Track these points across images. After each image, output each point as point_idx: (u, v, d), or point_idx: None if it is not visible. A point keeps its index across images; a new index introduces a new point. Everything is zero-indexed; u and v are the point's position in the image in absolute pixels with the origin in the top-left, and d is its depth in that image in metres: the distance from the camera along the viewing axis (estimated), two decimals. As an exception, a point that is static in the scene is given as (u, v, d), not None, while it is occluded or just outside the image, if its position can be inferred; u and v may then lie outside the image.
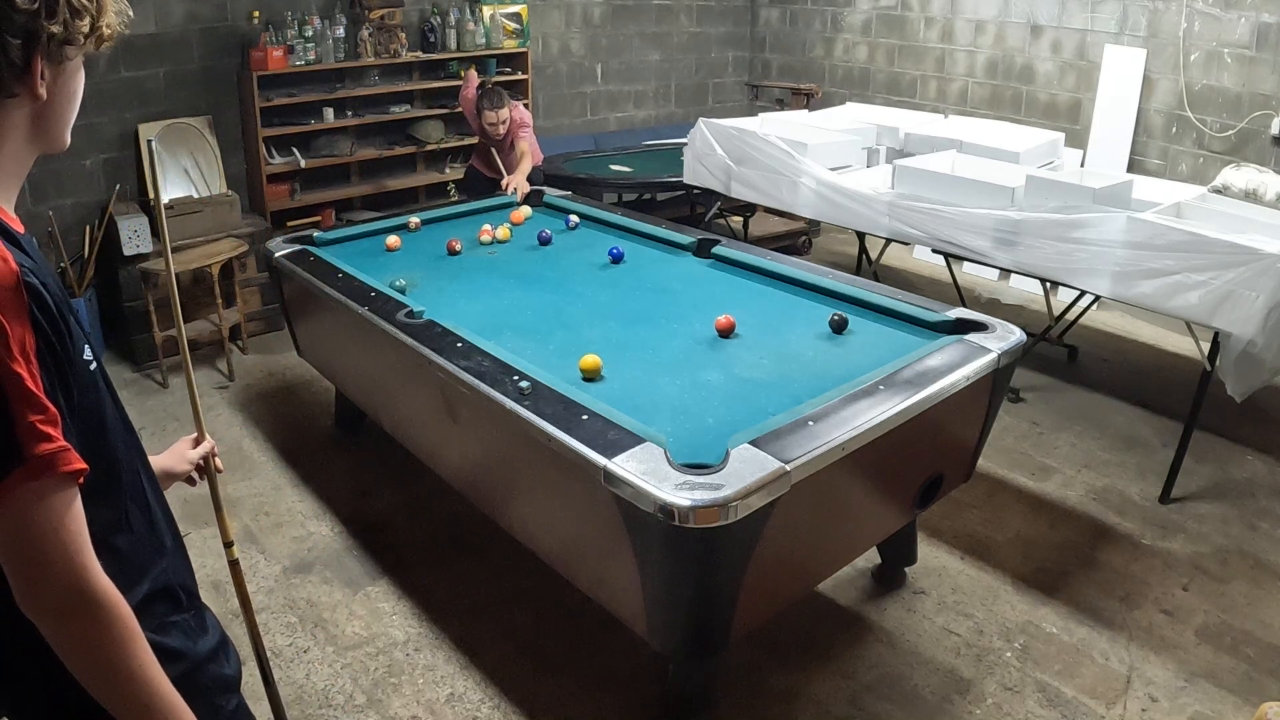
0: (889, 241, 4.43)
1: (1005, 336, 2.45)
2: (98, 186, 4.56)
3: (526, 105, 5.52)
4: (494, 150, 4.73)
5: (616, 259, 3.22)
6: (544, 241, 3.44)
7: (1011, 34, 5.56)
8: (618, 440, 1.89)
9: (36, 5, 0.95)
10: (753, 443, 1.88)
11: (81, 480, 0.97)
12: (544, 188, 4.21)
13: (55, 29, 0.98)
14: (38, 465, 0.92)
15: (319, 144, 5.21)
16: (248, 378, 4.25)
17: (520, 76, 5.77)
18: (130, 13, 1.12)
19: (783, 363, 2.44)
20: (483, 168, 4.90)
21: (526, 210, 3.68)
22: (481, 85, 4.96)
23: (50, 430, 0.94)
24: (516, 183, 4.22)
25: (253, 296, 4.65)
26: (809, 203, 4.23)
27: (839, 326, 2.61)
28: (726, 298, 2.91)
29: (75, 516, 0.97)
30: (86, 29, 1.02)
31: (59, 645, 0.99)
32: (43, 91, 1.01)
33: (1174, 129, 4.86)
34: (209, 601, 2.87)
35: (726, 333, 2.59)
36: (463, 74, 5.31)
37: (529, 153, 4.62)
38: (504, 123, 4.57)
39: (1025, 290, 5.19)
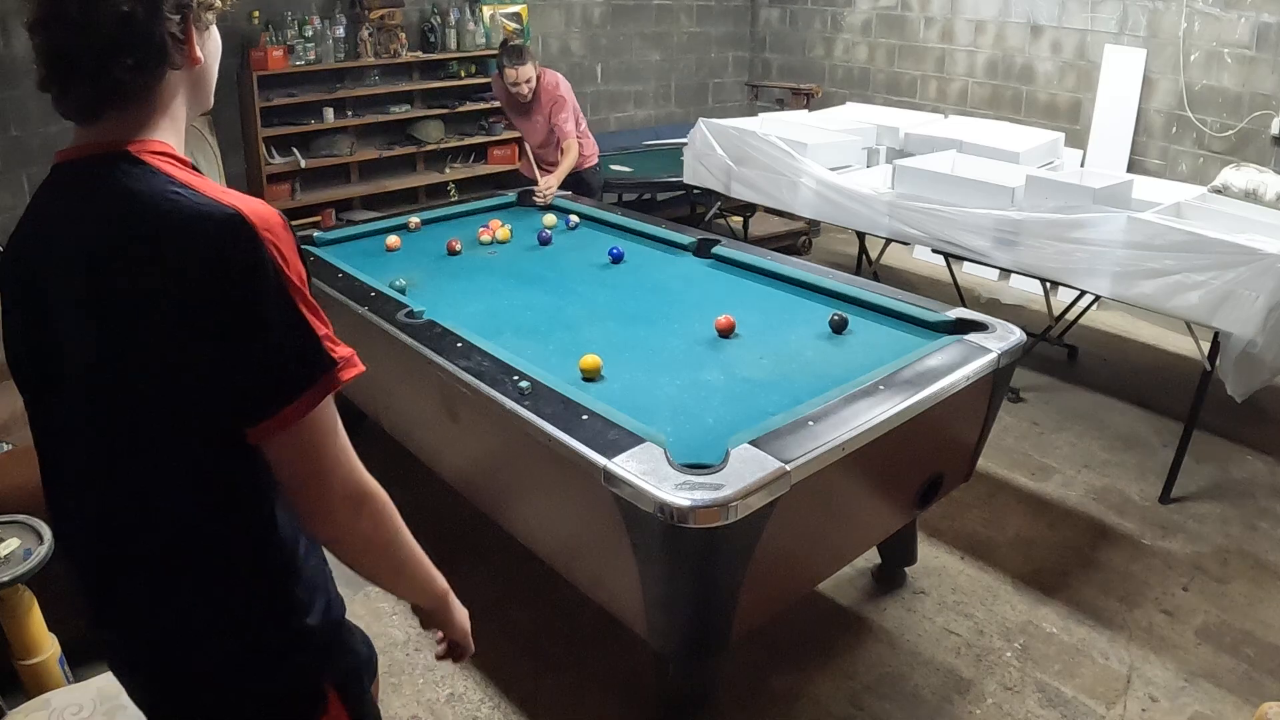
0: (889, 241, 4.44)
1: (1005, 336, 2.45)
2: (98, 186, 4.55)
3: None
4: (526, 145, 4.37)
5: (616, 259, 3.22)
6: (544, 242, 3.44)
7: (1011, 34, 5.56)
8: (617, 440, 1.89)
9: None
10: (753, 443, 1.88)
11: None
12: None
13: None
14: (345, 365, 1.05)
15: (319, 144, 5.21)
16: (248, 378, 4.25)
17: (520, 76, 5.76)
18: None
19: (783, 363, 2.44)
20: (526, 169, 4.47)
21: (506, 232, 3.47)
22: (504, 43, 4.41)
23: (336, 340, 1.06)
24: (547, 185, 3.91)
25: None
26: (809, 203, 4.23)
27: (839, 326, 2.60)
28: (726, 298, 2.91)
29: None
30: None
31: (353, 539, 1.13)
32: (200, 55, 1.09)
33: (1174, 129, 4.86)
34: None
35: (726, 333, 2.59)
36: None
37: (573, 148, 4.23)
38: (528, 83, 4.17)
39: (1025, 290, 5.19)
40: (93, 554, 1.16)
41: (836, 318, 2.62)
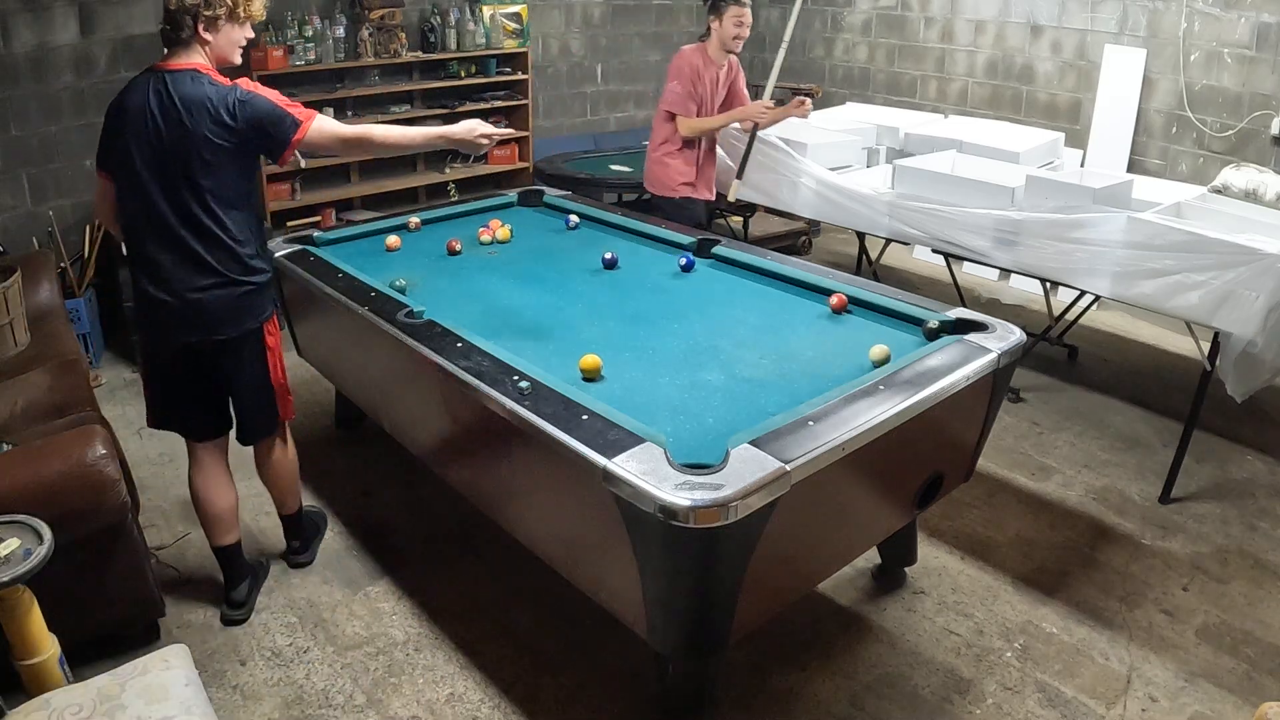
0: (889, 241, 4.43)
1: (1005, 336, 2.45)
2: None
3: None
4: (695, 145, 3.74)
5: (609, 265, 3.18)
6: (688, 268, 3.11)
7: (1011, 34, 5.56)
8: (617, 440, 1.89)
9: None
10: (753, 443, 1.88)
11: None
12: (544, 188, 4.20)
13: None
14: (307, 117, 2.37)
15: (319, 144, 5.21)
16: (248, 378, 4.25)
17: (520, 76, 5.77)
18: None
19: (783, 363, 2.44)
20: (681, 174, 3.74)
21: (506, 231, 3.47)
22: None
23: (294, 104, 2.38)
24: (776, 114, 3.69)
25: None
26: (809, 203, 4.23)
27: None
28: (726, 298, 2.92)
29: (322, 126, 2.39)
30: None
31: (370, 151, 2.62)
32: (206, 36, 2.31)
33: (1174, 129, 4.86)
34: (208, 600, 2.87)
35: (840, 309, 2.74)
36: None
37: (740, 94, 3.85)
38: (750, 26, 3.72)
39: (1025, 290, 5.19)
40: (166, 243, 2.35)
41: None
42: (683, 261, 3.14)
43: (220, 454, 2.65)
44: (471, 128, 2.46)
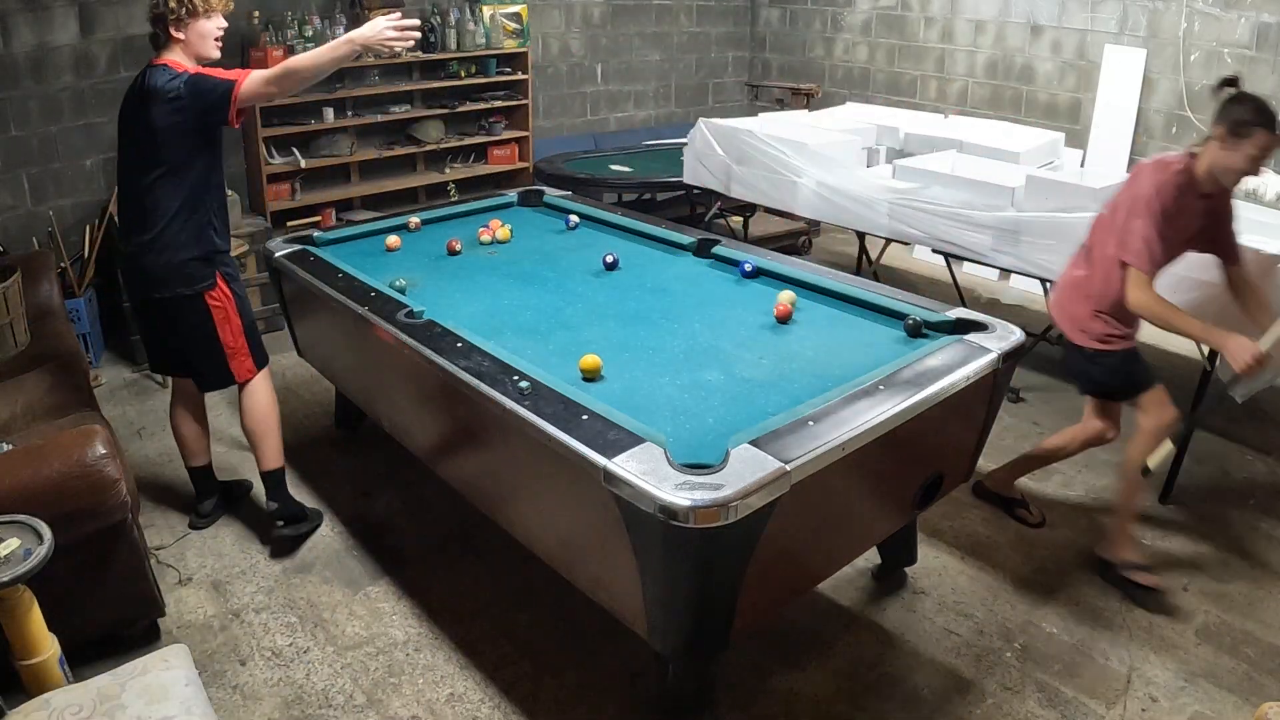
0: (889, 241, 4.44)
1: (1005, 336, 2.45)
2: (98, 186, 4.56)
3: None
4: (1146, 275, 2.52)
5: (610, 267, 3.17)
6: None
7: (1011, 34, 5.56)
8: (618, 440, 1.89)
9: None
10: (753, 443, 1.88)
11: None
12: (544, 188, 4.20)
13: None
14: (241, 76, 2.62)
15: (319, 144, 5.21)
16: (248, 378, 4.25)
17: (520, 76, 5.77)
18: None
19: (783, 363, 2.44)
20: (1115, 329, 2.70)
21: (506, 232, 3.49)
22: (1232, 86, 2.67)
23: (229, 74, 2.65)
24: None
25: (253, 297, 4.65)
26: (809, 203, 4.23)
27: (914, 330, 2.56)
28: (726, 298, 2.92)
29: (253, 77, 2.63)
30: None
31: (296, 81, 2.64)
32: (178, 35, 2.64)
33: (1174, 129, 4.86)
34: (208, 600, 2.87)
35: (784, 319, 2.68)
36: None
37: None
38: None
39: (1025, 290, 5.19)
40: (126, 206, 2.77)
41: (911, 322, 2.58)
42: (749, 269, 3.05)
43: (191, 391, 3.03)
44: (376, 25, 2.62)
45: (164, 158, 2.64)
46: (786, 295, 2.77)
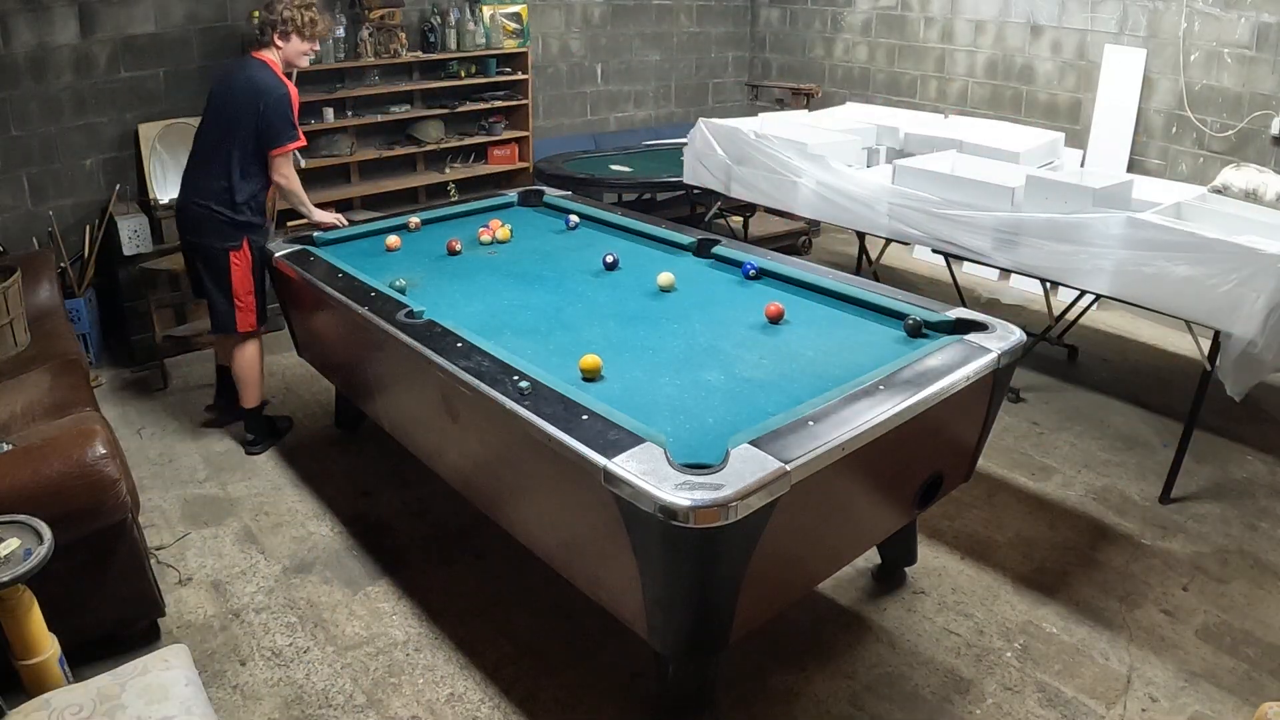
0: (889, 241, 4.43)
1: (1005, 336, 2.45)
2: (98, 186, 4.56)
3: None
4: None
5: (610, 267, 3.18)
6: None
7: (1011, 34, 5.56)
8: (618, 440, 1.89)
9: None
10: (753, 443, 1.88)
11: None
12: (544, 188, 4.20)
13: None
14: (298, 143, 3.41)
15: (319, 144, 5.21)
16: (248, 378, 4.25)
17: (520, 76, 5.77)
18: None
19: (783, 363, 2.44)
20: None
21: (506, 232, 3.50)
22: None
23: (298, 128, 3.40)
24: None
25: (253, 296, 4.65)
26: (809, 203, 4.23)
27: (914, 330, 2.57)
28: (726, 298, 2.92)
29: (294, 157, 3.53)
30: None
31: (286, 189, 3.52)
32: (279, 44, 3.34)
33: (1174, 129, 4.86)
34: (208, 600, 2.87)
35: (776, 319, 2.68)
36: None
37: None
38: None
39: (1025, 290, 5.19)
40: (199, 167, 3.43)
41: (911, 322, 2.59)
42: (751, 271, 3.07)
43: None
44: (330, 218, 3.65)
45: (236, 138, 3.27)
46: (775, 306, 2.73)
